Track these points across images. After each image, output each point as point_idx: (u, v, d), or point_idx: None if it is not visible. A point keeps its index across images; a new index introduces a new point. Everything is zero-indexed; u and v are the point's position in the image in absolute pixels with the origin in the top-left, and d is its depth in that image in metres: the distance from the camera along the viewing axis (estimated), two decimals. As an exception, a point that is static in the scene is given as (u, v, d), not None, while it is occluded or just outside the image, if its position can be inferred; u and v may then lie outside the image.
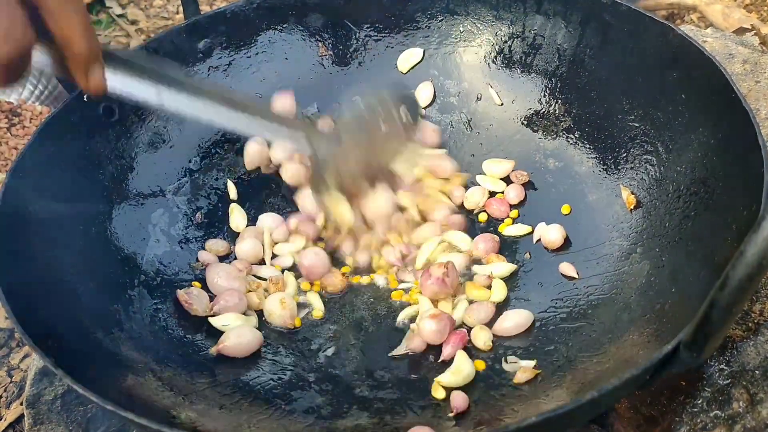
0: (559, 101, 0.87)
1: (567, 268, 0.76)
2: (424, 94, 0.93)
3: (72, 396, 0.76)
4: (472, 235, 0.81)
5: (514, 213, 0.84)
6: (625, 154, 0.80)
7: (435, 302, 0.74)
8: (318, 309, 0.77)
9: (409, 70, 0.94)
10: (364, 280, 0.80)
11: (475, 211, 0.84)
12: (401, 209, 0.82)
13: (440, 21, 0.93)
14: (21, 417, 0.86)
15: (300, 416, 0.66)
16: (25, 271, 0.67)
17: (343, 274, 0.80)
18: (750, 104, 0.83)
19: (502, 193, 0.85)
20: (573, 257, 0.77)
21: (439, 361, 0.69)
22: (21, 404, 0.82)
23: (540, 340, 0.70)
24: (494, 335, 0.71)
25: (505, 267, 0.77)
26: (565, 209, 0.82)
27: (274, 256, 0.83)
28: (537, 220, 0.82)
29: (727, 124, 0.67)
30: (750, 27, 1.12)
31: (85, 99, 0.80)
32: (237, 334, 0.72)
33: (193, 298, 0.75)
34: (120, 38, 1.85)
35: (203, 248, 0.83)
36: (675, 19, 1.51)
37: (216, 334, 0.74)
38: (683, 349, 0.47)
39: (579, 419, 0.59)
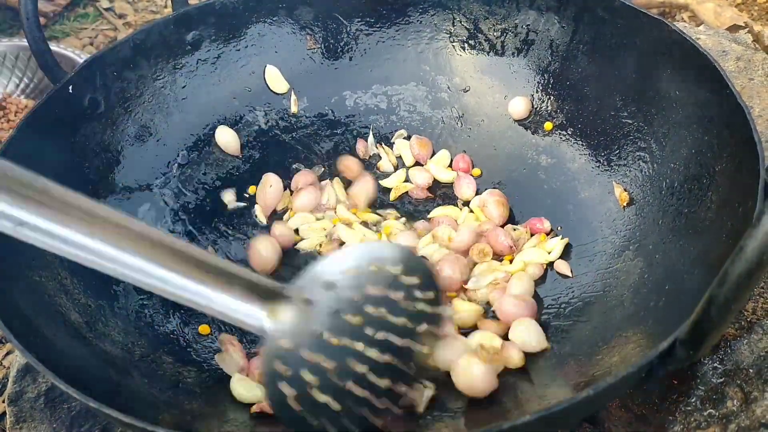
0: (552, 97, 0.86)
1: (561, 266, 0.75)
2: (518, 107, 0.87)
3: (56, 393, 0.75)
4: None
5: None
6: (618, 151, 0.79)
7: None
8: None
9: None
10: None
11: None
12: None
13: (432, 15, 0.92)
14: (3, 415, 0.84)
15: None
16: (7, 266, 0.65)
17: None
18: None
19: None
20: (565, 254, 0.77)
21: None
22: (3, 402, 0.81)
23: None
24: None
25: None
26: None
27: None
28: (527, 217, 0.81)
29: (721, 120, 0.67)
30: (743, 24, 1.12)
31: (71, 90, 0.79)
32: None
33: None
34: (107, 32, 1.83)
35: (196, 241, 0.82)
36: (666, 17, 1.51)
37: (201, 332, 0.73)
38: (679, 347, 0.47)
39: (573, 418, 0.59)
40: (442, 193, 0.87)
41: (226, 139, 0.89)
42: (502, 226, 0.80)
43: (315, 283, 0.48)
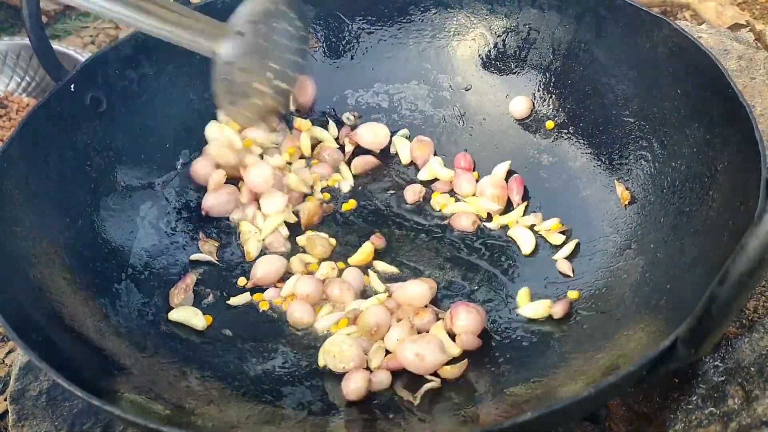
0: (554, 96, 0.87)
1: (564, 266, 0.75)
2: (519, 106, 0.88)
3: (58, 391, 0.75)
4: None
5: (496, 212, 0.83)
6: (619, 150, 0.79)
7: None
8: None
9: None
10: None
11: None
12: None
13: (434, 14, 0.92)
14: (5, 413, 0.84)
15: (290, 412, 0.65)
16: (9, 264, 0.66)
17: None
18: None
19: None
20: (567, 251, 0.77)
21: None
22: (5, 399, 0.81)
23: (535, 334, 0.70)
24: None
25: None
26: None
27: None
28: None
29: (723, 119, 0.67)
30: (745, 23, 1.12)
31: (73, 89, 0.79)
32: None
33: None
34: (109, 30, 1.83)
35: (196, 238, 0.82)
36: (668, 16, 1.51)
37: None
38: (681, 345, 0.47)
39: (574, 416, 0.59)
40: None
41: (215, 135, 0.87)
42: (502, 214, 0.82)
43: (240, 22, 0.73)
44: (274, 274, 0.78)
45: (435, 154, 0.89)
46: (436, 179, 0.87)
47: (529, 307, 0.71)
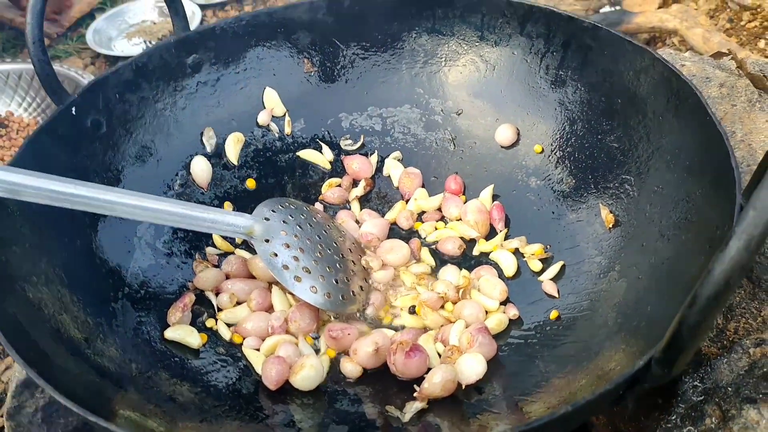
0: (541, 121, 0.89)
1: (549, 287, 0.77)
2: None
3: (53, 408, 0.76)
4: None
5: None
6: (604, 174, 0.81)
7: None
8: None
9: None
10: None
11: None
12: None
13: (426, 41, 0.95)
14: (2, 429, 0.85)
15: (280, 429, 0.66)
16: (8, 283, 0.67)
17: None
18: (726, 127, 0.86)
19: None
20: (552, 273, 0.79)
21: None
22: (1, 416, 0.82)
23: (519, 353, 0.72)
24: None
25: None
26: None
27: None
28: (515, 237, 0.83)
29: (702, 146, 0.69)
30: (727, 51, 1.15)
31: (74, 112, 0.81)
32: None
33: None
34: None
35: (192, 258, 0.84)
36: (656, 42, 1.54)
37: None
38: (655, 365, 0.49)
39: (555, 433, 0.60)
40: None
41: (200, 167, 0.90)
42: (486, 239, 0.85)
43: (262, 212, 0.79)
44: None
45: (423, 186, 0.92)
46: (424, 211, 0.90)
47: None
